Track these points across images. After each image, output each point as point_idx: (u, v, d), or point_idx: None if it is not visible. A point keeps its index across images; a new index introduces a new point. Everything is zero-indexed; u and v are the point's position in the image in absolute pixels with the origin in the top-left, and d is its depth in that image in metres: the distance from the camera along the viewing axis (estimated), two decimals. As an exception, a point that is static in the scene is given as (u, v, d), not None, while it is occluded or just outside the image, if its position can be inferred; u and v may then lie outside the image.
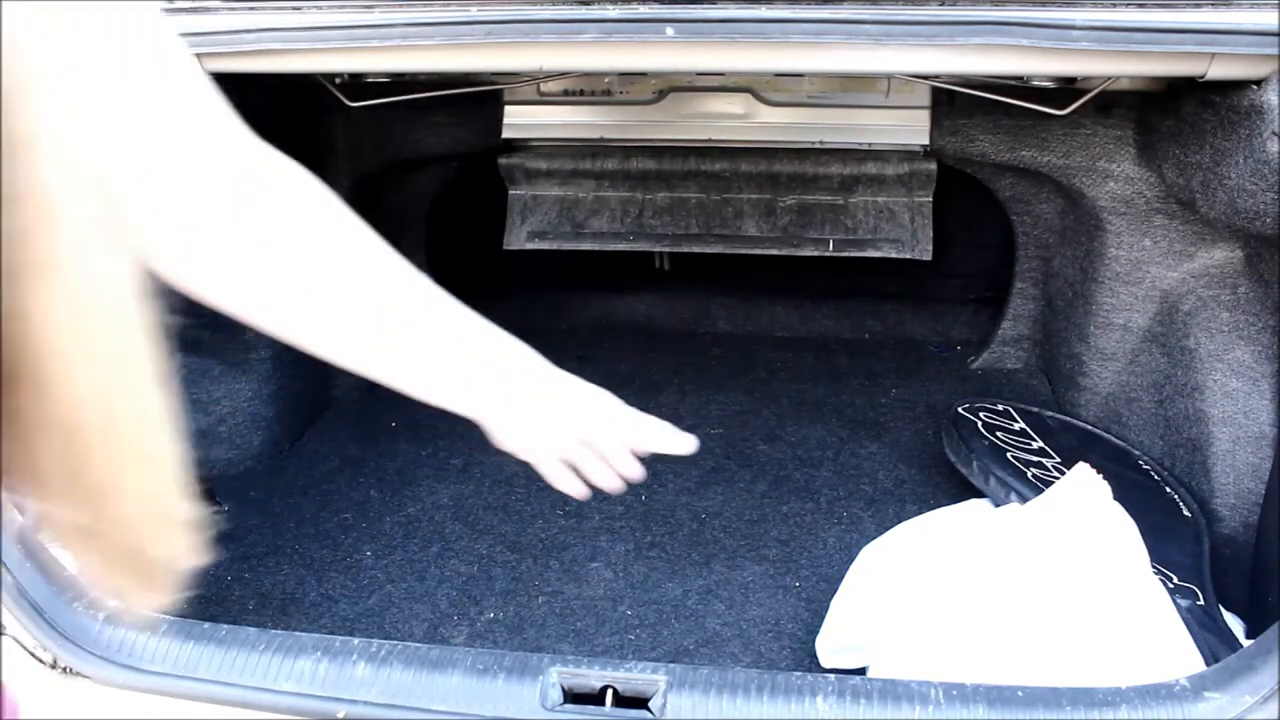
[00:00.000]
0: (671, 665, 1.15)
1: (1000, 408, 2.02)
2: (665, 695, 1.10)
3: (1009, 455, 1.82)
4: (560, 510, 1.89)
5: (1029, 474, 1.73)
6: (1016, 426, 1.97)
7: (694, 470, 2.01)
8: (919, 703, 1.09)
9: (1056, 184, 2.12)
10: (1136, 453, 1.90)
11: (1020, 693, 1.12)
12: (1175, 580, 1.54)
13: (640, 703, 1.11)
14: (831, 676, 1.16)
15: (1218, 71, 1.38)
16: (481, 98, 2.32)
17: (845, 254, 2.47)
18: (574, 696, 1.11)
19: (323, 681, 1.14)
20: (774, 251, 2.51)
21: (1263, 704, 1.07)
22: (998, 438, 1.90)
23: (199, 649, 1.18)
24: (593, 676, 1.13)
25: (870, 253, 2.48)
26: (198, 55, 1.51)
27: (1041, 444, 1.90)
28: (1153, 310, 1.95)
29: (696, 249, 2.51)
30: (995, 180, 2.28)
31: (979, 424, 1.93)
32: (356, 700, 1.13)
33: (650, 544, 1.82)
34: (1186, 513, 1.72)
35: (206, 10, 1.51)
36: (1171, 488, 1.77)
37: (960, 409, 1.98)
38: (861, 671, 1.49)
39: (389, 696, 1.13)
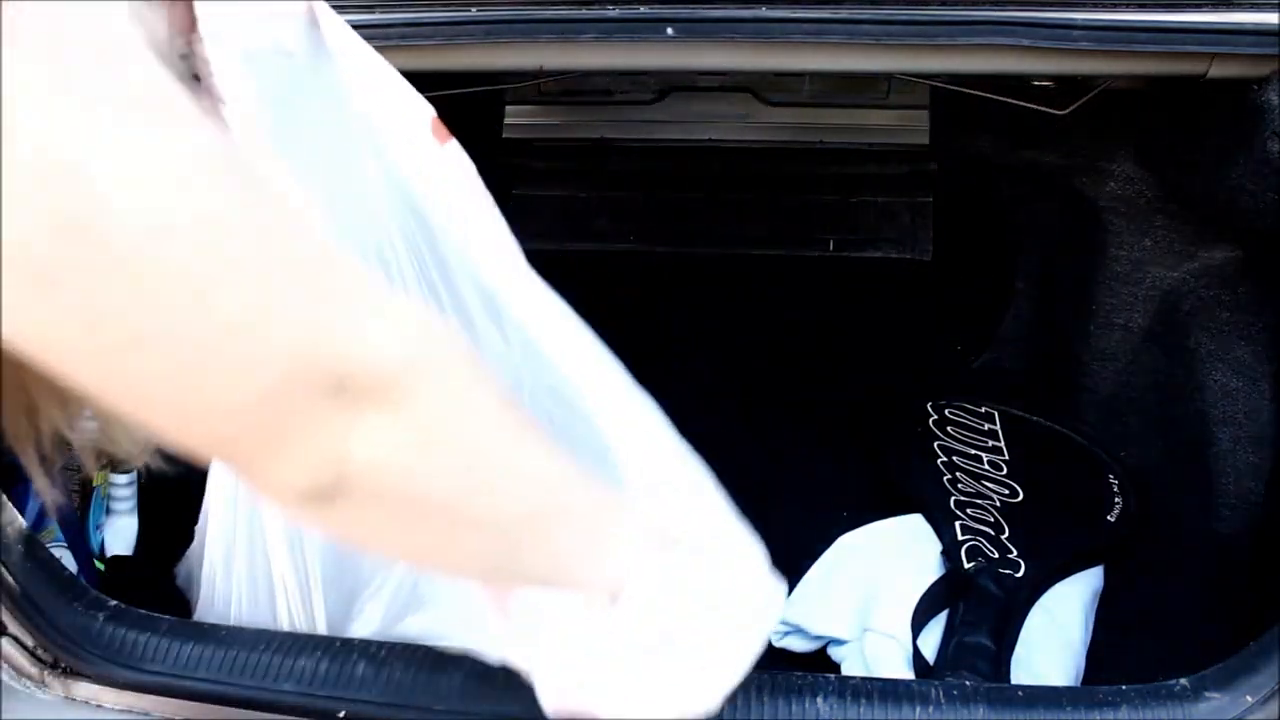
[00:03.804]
0: (671, 665, 1.15)
1: (983, 409, 2.03)
2: (665, 695, 1.10)
3: (939, 462, 1.84)
4: (560, 510, 1.88)
5: (949, 501, 1.74)
6: (986, 427, 1.98)
7: (694, 470, 2.01)
8: (919, 703, 1.09)
9: (1056, 184, 2.12)
10: (1106, 459, 1.91)
11: (1020, 693, 1.12)
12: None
13: (640, 702, 1.11)
14: (832, 676, 1.16)
15: (1218, 71, 1.38)
16: (481, 97, 2.32)
17: (845, 254, 2.46)
18: (574, 696, 1.11)
19: (323, 681, 1.14)
20: (774, 252, 2.51)
21: (1263, 704, 1.07)
22: (949, 435, 1.92)
23: (199, 649, 1.18)
24: (593, 676, 1.13)
25: (870, 253, 2.48)
26: (198, 55, 1.51)
27: (1004, 449, 1.92)
28: (1153, 310, 1.95)
29: (696, 249, 2.51)
30: (995, 180, 2.28)
31: (934, 421, 1.97)
32: (357, 700, 1.13)
33: (650, 544, 1.82)
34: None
35: (206, 10, 1.51)
36: (1121, 517, 1.78)
37: (929, 405, 2.01)
38: (808, 656, 1.55)
39: (389, 696, 1.12)
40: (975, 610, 1.51)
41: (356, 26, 1.45)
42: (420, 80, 2.03)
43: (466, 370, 0.59)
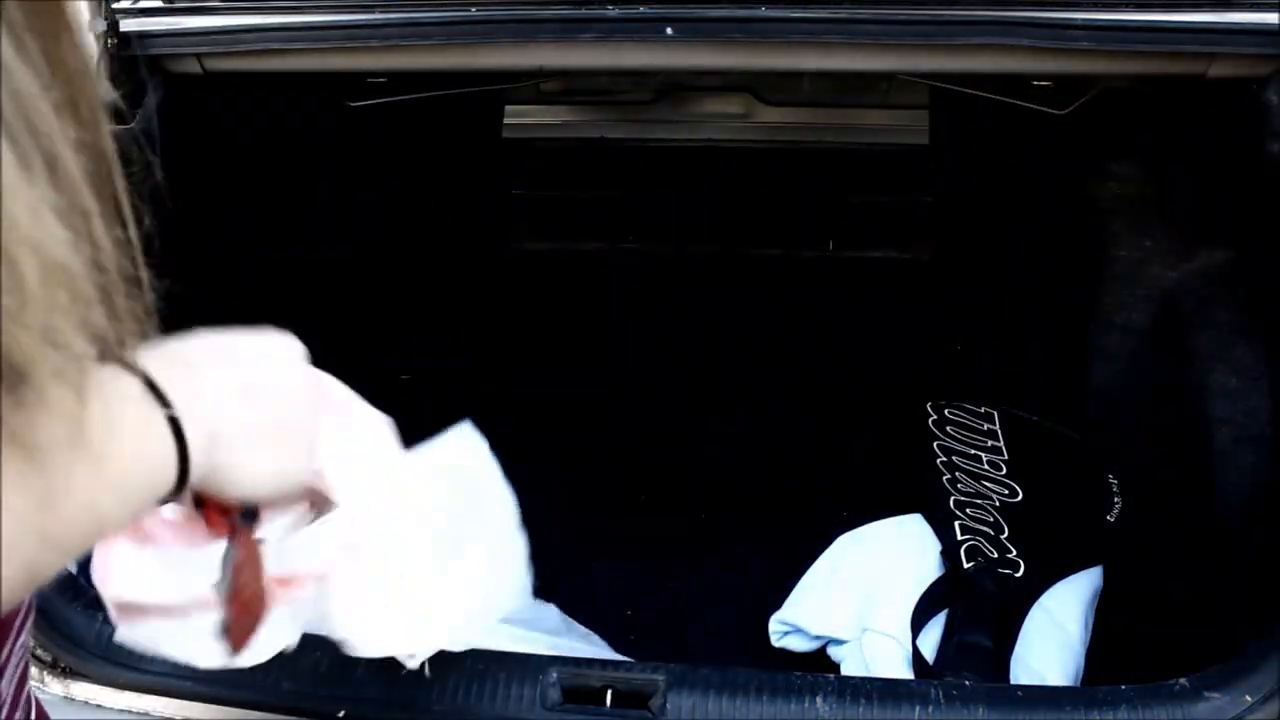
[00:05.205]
0: (671, 665, 1.15)
1: (983, 409, 2.04)
2: (665, 695, 1.10)
3: (939, 462, 1.85)
4: (559, 510, 1.88)
5: (950, 501, 1.74)
6: (986, 428, 1.98)
7: (694, 470, 2.01)
8: (919, 703, 1.09)
9: (1056, 184, 2.12)
10: (1106, 459, 1.91)
11: (1020, 693, 1.13)
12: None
13: (640, 702, 1.11)
14: (831, 676, 1.16)
15: (1218, 71, 1.38)
16: (481, 97, 2.32)
17: (845, 254, 2.46)
18: (574, 696, 1.12)
19: (323, 681, 1.14)
20: (774, 252, 2.51)
21: (1262, 704, 1.07)
22: (948, 435, 1.92)
23: (199, 649, 1.18)
24: (593, 676, 1.13)
25: (870, 253, 2.47)
26: (198, 55, 1.51)
27: (1004, 449, 1.92)
28: (1153, 310, 1.95)
29: (696, 249, 2.51)
30: (995, 180, 2.28)
31: (934, 421, 1.97)
32: (357, 700, 1.13)
33: (650, 544, 1.82)
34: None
35: (206, 10, 1.51)
36: (1121, 518, 1.78)
37: (929, 405, 2.01)
38: (808, 656, 1.56)
39: (389, 696, 1.13)
40: (975, 610, 1.51)
41: (357, 26, 1.46)
42: (420, 80, 2.04)
43: None
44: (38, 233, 0.46)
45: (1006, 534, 1.66)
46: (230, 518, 0.69)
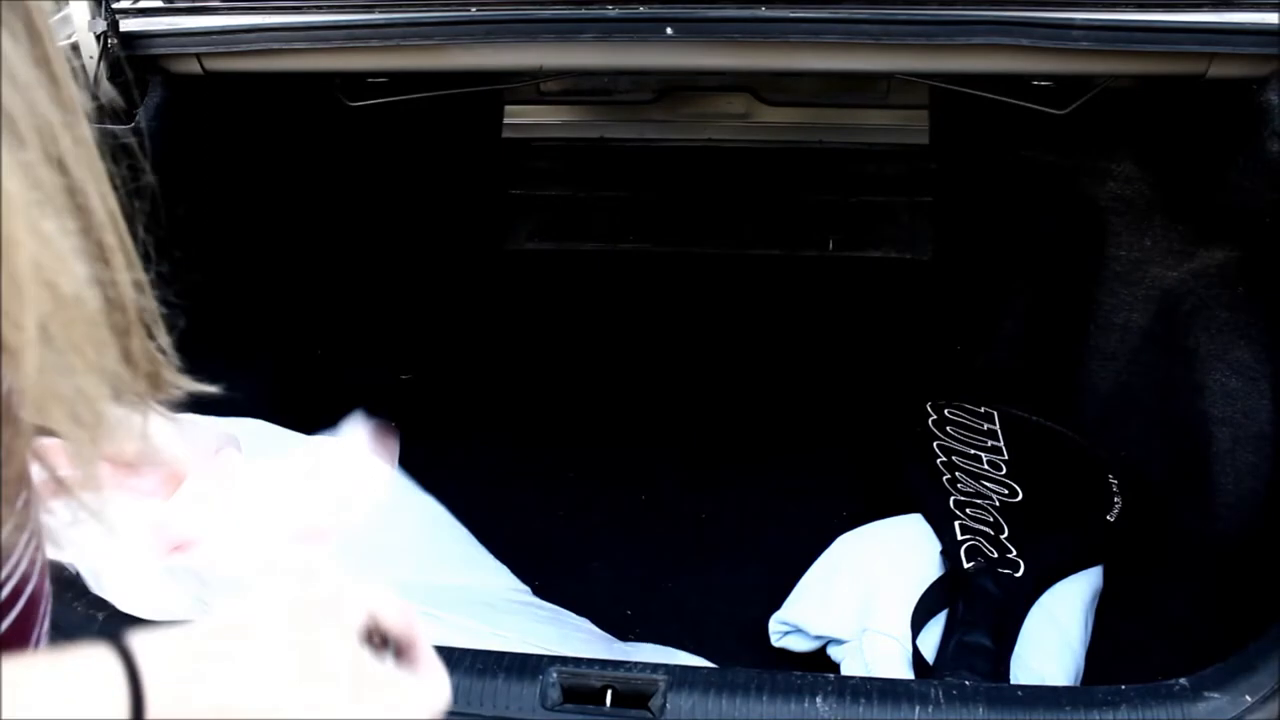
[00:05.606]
0: (671, 665, 1.15)
1: (983, 409, 2.04)
2: (665, 695, 1.10)
3: (939, 462, 1.85)
4: (559, 510, 1.89)
5: (949, 500, 1.74)
6: (985, 427, 1.98)
7: (695, 470, 2.01)
8: (919, 703, 1.09)
9: (1056, 184, 2.12)
10: (1106, 459, 1.91)
11: (1020, 693, 1.12)
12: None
13: (640, 702, 1.11)
14: (831, 676, 1.16)
15: (1218, 71, 1.38)
16: (481, 97, 2.32)
17: (845, 254, 2.46)
18: (574, 696, 1.11)
19: (322, 681, 1.13)
20: (774, 252, 2.51)
21: (1262, 704, 1.07)
22: (949, 435, 1.92)
23: (199, 649, 1.17)
24: (592, 676, 1.13)
25: (870, 253, 2.47)
26: (198, 55, 1.51)
27: (1004, 449, 1.92)
28: (1153, 310, 1.95)
29: (696, 249, 2.50)
30: (995, 180, 2.28)
31: (934, 421, 1.97)
32: (356, 700, 1.13)
33: (650, 544, 1.82)
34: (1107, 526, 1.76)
35: (206, 10, 1.51)
36: (1121, 517, 1.78)
37: (929, 405, 2.02)
38: (808, 656, 1.56)
39: (389, 696, 1.12)
40: (975, 610, 1.51)
41: (357, 26, 1.46)
42: (420, 80, 2.04)
43: None
44: (53, 265, 0.42)
45: (1006, 534, 1.66)
46: None
